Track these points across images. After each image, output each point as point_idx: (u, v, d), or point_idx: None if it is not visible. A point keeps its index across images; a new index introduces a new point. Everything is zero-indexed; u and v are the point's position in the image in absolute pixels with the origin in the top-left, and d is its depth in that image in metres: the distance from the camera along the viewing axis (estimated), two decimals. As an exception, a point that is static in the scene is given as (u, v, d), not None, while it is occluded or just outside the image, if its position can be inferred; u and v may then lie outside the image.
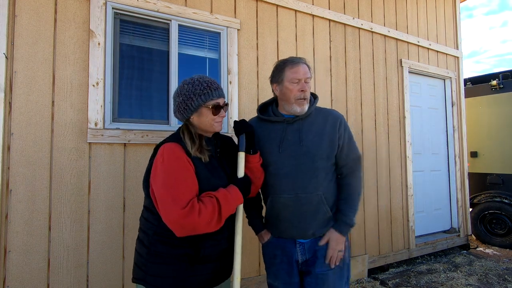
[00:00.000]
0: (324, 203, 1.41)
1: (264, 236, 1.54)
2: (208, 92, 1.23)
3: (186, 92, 1.24)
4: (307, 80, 1.43)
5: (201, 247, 1.20)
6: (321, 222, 1.43)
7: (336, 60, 3.19)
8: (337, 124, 1.45)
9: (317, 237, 1.45)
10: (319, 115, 1.48)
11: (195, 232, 1.11)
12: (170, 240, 1.18)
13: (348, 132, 1.49)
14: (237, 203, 1.23)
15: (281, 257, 1.47)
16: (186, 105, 1.23)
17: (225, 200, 1.15)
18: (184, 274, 1.19)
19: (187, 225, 1.07)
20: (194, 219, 1.07)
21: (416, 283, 3.05)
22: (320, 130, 1.43)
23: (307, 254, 1.45)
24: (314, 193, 1.39)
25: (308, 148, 1.40)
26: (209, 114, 1.25)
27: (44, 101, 1.90)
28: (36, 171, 1.85)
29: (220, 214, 1.13)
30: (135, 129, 2.14)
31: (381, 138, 3.47)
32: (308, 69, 1.44)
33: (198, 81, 1.25)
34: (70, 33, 1.99)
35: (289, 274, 1.45)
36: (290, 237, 1.46)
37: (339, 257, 1.42)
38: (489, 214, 4.45)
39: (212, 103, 1.24)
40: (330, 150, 1.42)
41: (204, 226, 1.10)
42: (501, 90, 4.61)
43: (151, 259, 1.20)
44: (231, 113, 2.53)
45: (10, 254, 1.77)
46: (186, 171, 1.14)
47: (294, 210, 1.41)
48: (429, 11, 4.14)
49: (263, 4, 2.77)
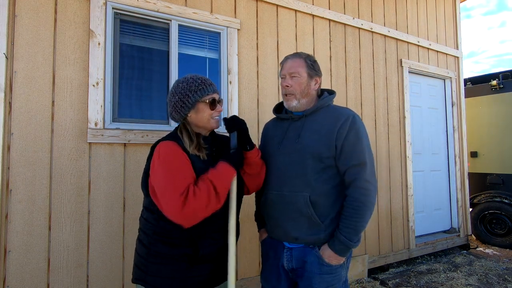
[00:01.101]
0: (309, 206, 1.27)
1: (262, 234, 1.52)
2: (203, 88, 1.26)
3: (182, 91, 1.25)
4: (293, 75, 1.36)
5: (200, 246, 1.20)
6: (305, 227, 1.29)
7: (336, 60, 3.19)
8: (339, 123, 1.29)
9: (306, 245, 1.31)
10: (326, 113, 1.37)
11: (197, 217, 1.10)
12: (169, 240, 1.18)
13: (355, 134, 1.29)
14: (230, 176, 1.19)
15: (272, 259, 1.42)
16: (183, 102, 1.25)
17: (216, 176, 1.14)
18: (184, 275, 1.19)
19: (187, 211, 1.06)
20: (191, 202, 1.06)
21: (416, 283, 3.05)
22: (319, 128, 1.33)
23: (294, 262, 1.34)
24: (299, 193, 1.29)
25: (301, 145, 1.32)
26: (207, 109, 1.26)
27: (44, 101, 1.90)
28: (36, 171, 1.85)
29: (216, 190, 1.11)
30: (135, 129, 2.14)
31: (381, 138, 3.47)
32: (302, 62, 1.37)
33: (192, 79, 1.27)
34: (70, 33, 1.99)
35: (277, 278, 1.39)
36: (277, 238, 1.40)
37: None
38: (489, 214, 4.45)
39: (208, 98, 1.26)
40: (325, 149, 1.28)
41: (204, 208, 1.09)
42: (501, 90, 4.61)
43: (151, 259, 1.20)
44: (231, 113, 2.53)
45: (10, 254, 1.77)
46: (181, 161, 1.15)
47: (278, 208, 1.36)
48: (429, 11, 4.14)
49: (263, 4, 2.77)
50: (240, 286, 2.49)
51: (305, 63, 1.38)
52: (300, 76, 1.36)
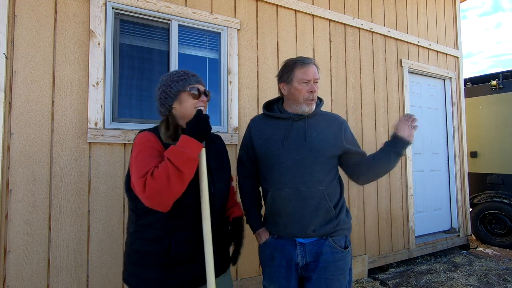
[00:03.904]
0: (326, 199, 1.38)
1: (262, 235, 1.49)
2: (185, 78, 1.27)
3: (165, 83, 1.28)
4: (316, 81, 1.44)
5: (173, 241, 1.14)
6: (322, 219, 1.38)
7: (336, 60, 3.19)
8: (343, 128, 1.49)
9: (319, 238, 1.40)
10: (324, 117, 1.51)
11: (162, 198, 1.05)
12: (144, 235, 1.17)
13: (352, 135, 1.55)
14: (190, 148, 1.08)
15: (279, 259, 1.41)
16: (166, 93, 1.26)
17: (172, 152, 1.07)
18: (161, 276, 1.14)
19: (148, 193, 1.03)
20: (150, 183, 1.02)
21: (416, 283, 3.05)
22: (325, 130, 1.45)
23: (307, 257, 1.39)
24: (316, 187, 1.38)
25: (311, 144, 1.41)
26: (189, 99, 1.25)
27: (44, 101, 1.90)
28: (36, 171, 1.85)
29: (175, 165, 1.04)
30: (135, 129, 2.14)
31: (381, 138, 3.46)
32: (317, 69, 1.45)
33: (176, 71, 1.30)
34: (70, 33, 1.99)
35: (287, 278, 1.39)
36: (290, 236, 1.41)
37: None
38: (489, 214, 4.45)
39: (190, 87, 1.26)
40: (334, 149, 1.44)
41: (166, 188, 1.03)
42: (501, 90, 4.61)
43: (130, 259, 1.20)
44: (231, 113, 2.53)
45: (10, 254, 1.77)
46: (149, 148, 1.14)
47: (295, 204, 1.38)
48: (429, 11, 4.14)
49: (263, 4, 2.77)
50: (240, 286, 2.49)
51: (317, 69, 1.47)
52: (319, 82, 1.49)
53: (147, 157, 1.11)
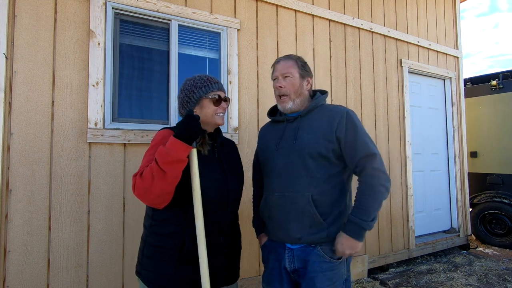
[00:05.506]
0: (311, 205, 1.28)
1: (262, 239, 1.51)
2: (208, 85, 1.31)
3: (188, 87, 1.32)
4: (286, 75, 1.38)
5: (187, 238, 1.17)
6: (307, 226, 1.30)
7: (336, 60, 3.19)
8: (336, 120, 1.31)
9: (308, 245, 1.32)
10: (321, 112, 1.38)
11: (148, 197, 1.10)
12: (159, 230, 1.21)
13: (354, 129, 1.31)
14: (174, 149, 1.08)
15: (273, 262, 1.40)
16: (188, 98, 1.31)
17: (159, 153, 1.09)
18: (172, 273, 1.17)
19: (137, 191, 1.11)
20: (138, 183, 1.10)
21: (416, 283, 3.05)
22: (316, 127, 1.34)
23: (296, 262, 1.34)
24: (301, 193, 1.30)
25: (300, 146, 1.33)
26: (211, 105, 1.30)
27: (44, 101, 1.90)
28: (36, 171, 1.85)
29: (159, 166, 1.06)
30: (135, 129, 2.14)
31: (381, 138, 3.47)
32: (293, 63, 1.39)
33: (199, 77, 1.34)
34: (70, 33, 1.99)
35: (280, 281, 1.37)
36: (279, 240, 1.39)
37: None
38: (489, 214, 4.45)
39: (212, 94, 1.31)
40: (324, 148, 1.30)
41: (149, 187, 1.07)
42: (501, 90, 4.61)
43: (145, 252, 1.23)
44: (231, 113, 2.53)
45: (10, 254, 1.77)
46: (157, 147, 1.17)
47: (280, 210, 1.35)
48: (429, 11, 4.14)
49: (263, 4, 2.77)
50: (240, 286, 2.49)
51: (296, 64, 1.41)
52: (293, 76, 1.39)
53: (151, 156, 1.16)
